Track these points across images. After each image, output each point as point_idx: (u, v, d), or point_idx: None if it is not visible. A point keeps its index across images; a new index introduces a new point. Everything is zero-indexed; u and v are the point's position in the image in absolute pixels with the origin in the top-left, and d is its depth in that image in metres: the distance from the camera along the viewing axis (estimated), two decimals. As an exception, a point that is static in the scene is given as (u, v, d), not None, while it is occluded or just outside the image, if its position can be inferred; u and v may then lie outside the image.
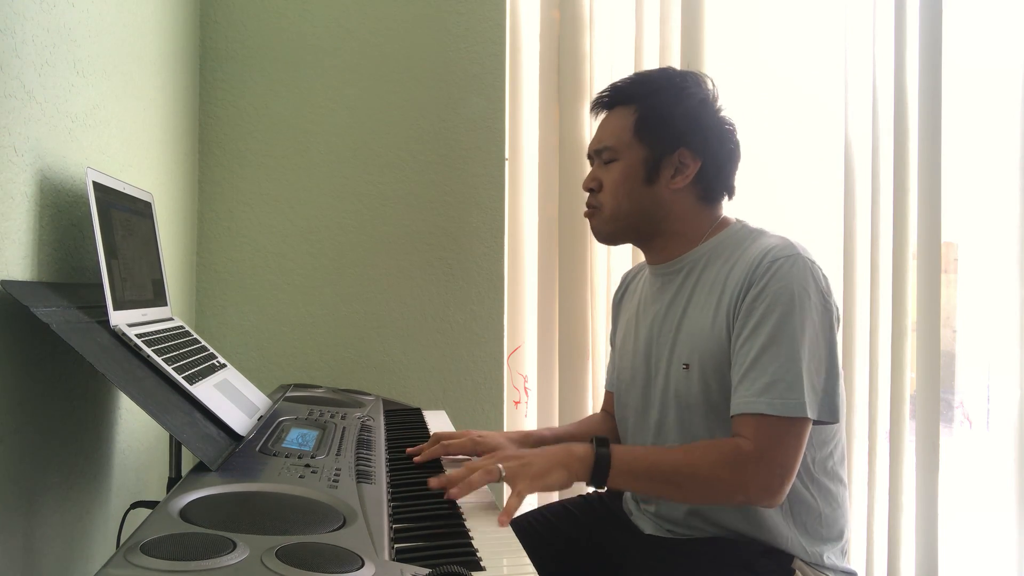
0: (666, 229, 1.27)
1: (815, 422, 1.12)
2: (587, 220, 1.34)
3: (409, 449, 1.27)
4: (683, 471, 1.12)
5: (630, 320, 1.39)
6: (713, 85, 1.29)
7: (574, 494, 1.56)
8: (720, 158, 1.26)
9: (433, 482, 1.05)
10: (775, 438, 1.09)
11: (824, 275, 1.17)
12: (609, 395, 1.51)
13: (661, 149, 1.24)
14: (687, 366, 1.21)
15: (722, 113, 1.28)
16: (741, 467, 1.09)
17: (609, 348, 2.14)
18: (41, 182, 1.04)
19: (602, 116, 1.33)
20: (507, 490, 1.09)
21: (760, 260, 1.15)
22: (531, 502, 1.87)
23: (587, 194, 1.32)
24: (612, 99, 1.30)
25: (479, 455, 1.32)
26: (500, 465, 1.07)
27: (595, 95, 1.34)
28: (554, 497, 1.86)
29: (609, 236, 1.33)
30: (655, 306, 1.30)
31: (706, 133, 1.25)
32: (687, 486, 1.13)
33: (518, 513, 1.39)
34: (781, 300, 1.12)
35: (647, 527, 1.29)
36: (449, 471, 1.13)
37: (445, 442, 1.27)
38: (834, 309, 1.17)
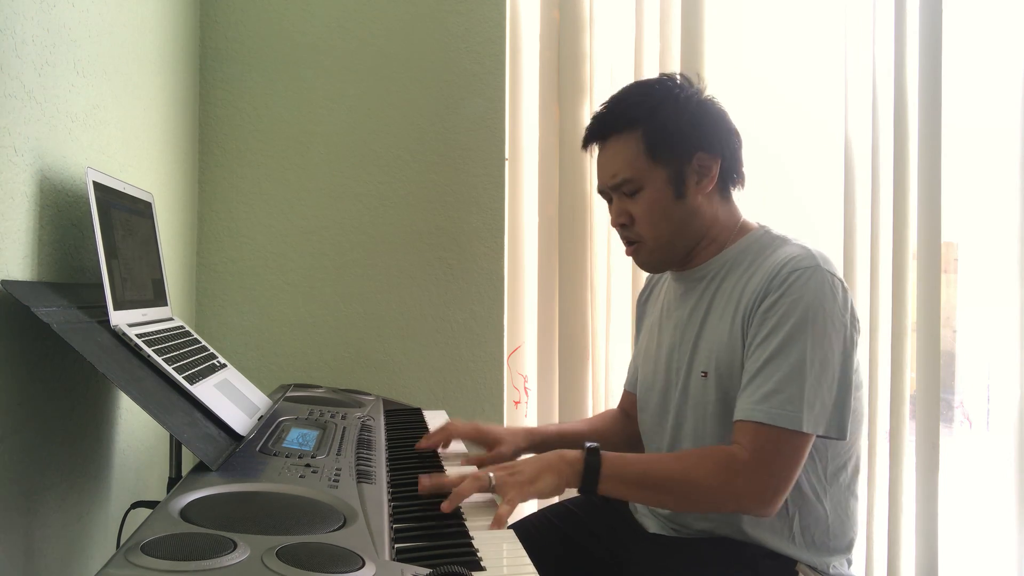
0: (703, 236, 1.26)
1: (823, 437, 1.12)
2: (587, 220, 1.34)
3: (418, 444, 1.32)
4: (675, 478, 1.12)
5: (653, 325, 1.38)
6: (697, 79, 1.28)
7: (575, 493, 1.56)
8: (731, 147, 1.26)
9: (424, 481, 1.04)
10: (771, 448, 1.08)
11: (844, 288, 1.15)
12: (627, 395, 1.51)
13: (679, 161, 1.22)
14: (705, 374, 1.21)
15: (715, 102, 1.26)
16: (734, 475, 1.08)
17: (606, 345, 2.16)
18: (41, 182, 1.04)
19: (596, 148, 1.28)
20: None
21: (779, 270, 1.14)
22: (532, 504, 1.87)
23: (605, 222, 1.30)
24: (610, 128, 1.25)
25: (483, 443, 1.38)
26: (491, 474, 1.06)
27: (586, 130, 1.28)
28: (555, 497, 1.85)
29: (658, 265, 1.31)
30: (678, 312, 1.30)
31: (715, 129, 1.24)
32: (678, 493, 1.13)
33: (515, 519, 1.40)
34: (794, 312, 1.10)
35: (651, 525, 1.29)
36: (448, 470, 1.14)
37: (450, 428, 1.36)
38: (853, 323, 1.15)
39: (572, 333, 2.11)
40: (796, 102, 2.25)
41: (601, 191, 1.30)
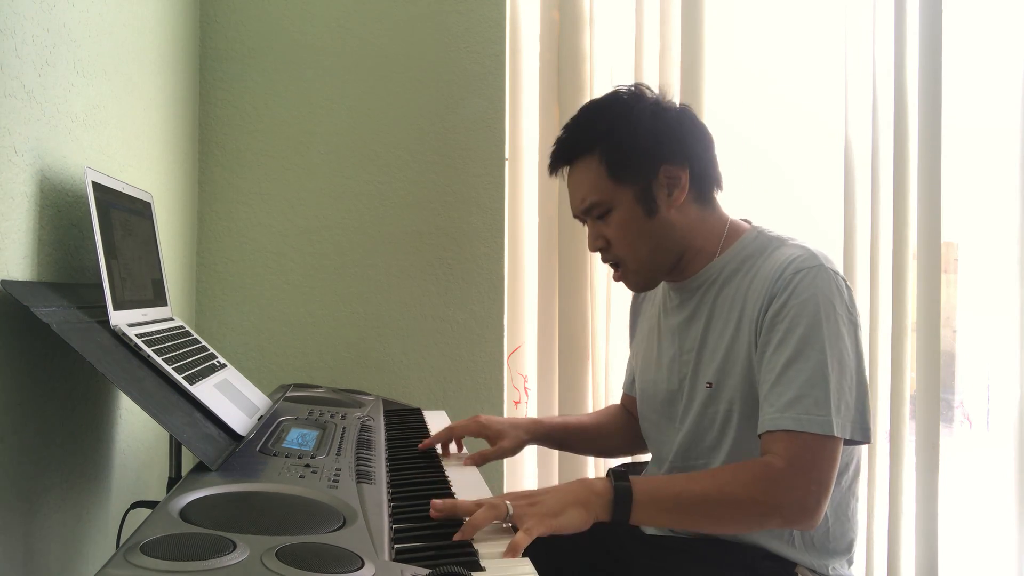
0: (686, 248, 1.23)
1: (847, 441, 1.08)
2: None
3: (421, 445, 1.31)
4: (713, 497, 1.06)
5: (651, 330, 1.36)
6: (650, 88, 1.24)
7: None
8: (698, 152, 1.22)
9: (437, 505, 0.97)
10: (807, 455, 1.04)
11: (848, 286, 1.13)
12: (627, 397, 1.50)
13: (644, 177, 1.19)
14: (710, 384, 1.18)
15: (675, 107, 1.22)
16: (774, 485, 1.04)
17: (606, 345, 2.16)
18: (41, 182, 1.04)
19: (566, 173, 1.26)
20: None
21: (782, 272, 1.11)
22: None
23: (598, 254, 1.26)
24: (568, 155, 1.23)
25: (486, 437, 1.38)
26: (508, 503, 1.00)
27: (550, 157, 1.26)
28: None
29: (648, 283, 1.28)
30: (676, 320, 1.27)
31: (675, 138, 1.20)
32: (719, 513, 1.07)
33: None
34: (806, 313, 1.07)
35: (650, 527, 1.28)
36: (449, 471, 1.13)
37: (452, 425, 1.35)
38: (859, 321, 1.13)
39: (572, 333, 2.11)
40: (796, 102, 2.25)
41: (576, 216, 1.27)
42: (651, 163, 1.18)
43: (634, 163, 1.18)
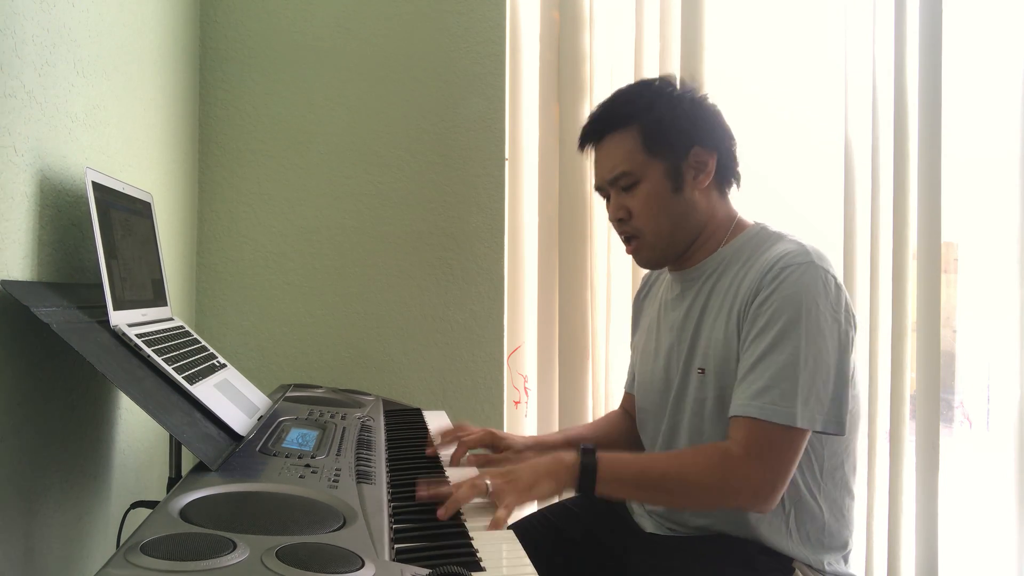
0: (700, 232, 1.27)
1: (822, 432, 1.12)
2: (587, 220, 1.34)
3: (429, 450, 1.31)
4: (671, 476, 1.13)
5: (651, 324, 1.39)
6: (691, 80, 1.32)
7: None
8: (726, 144, 1.28)
9: (422, 493, 1.04)
10: (765, 443, 1.09)
11: (838, 284, 1.16)
12: (628, 397, 1.51)
13: (676, 155, 1.24)
14: (702, 370, 1.22)
15: (709, 101, 1.29)
16: (729, 471, 1.10)
17: (606, 345, 2.16)
18: (41, 182, 1.04)
19: (592, 149, 1.30)
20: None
21: (772, 266, 1.15)
22: (532, 503, 1.86)
23: (600, 222, 1.31)
24: (607, 126, 1.28)
25: (495, 448, 1.39)
26: (488, 480, 1.06)
27: (582, 131, 1.30)
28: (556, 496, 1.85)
29: (659, 260, 1.31)
30: (675, 312, 1.31)
31: (710, 125, 1.26)
32: (676, 491, 1.14)
33: (515, 518, 1.41)
34: (787, 308, 1.11)
35: (648, 525, 1.29)
36: (448, 471, 1.14)
37: (464, 439, 1.34)
38: (848, 319, 1.15)
39: (572, 333, 2.11)
40: (796, 102, 2.25)
41: (598, 187, 1.31)
42: (685, 142, 1.24)
43: (670, 139, 1.23)
